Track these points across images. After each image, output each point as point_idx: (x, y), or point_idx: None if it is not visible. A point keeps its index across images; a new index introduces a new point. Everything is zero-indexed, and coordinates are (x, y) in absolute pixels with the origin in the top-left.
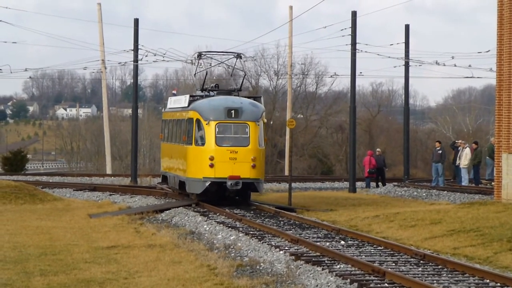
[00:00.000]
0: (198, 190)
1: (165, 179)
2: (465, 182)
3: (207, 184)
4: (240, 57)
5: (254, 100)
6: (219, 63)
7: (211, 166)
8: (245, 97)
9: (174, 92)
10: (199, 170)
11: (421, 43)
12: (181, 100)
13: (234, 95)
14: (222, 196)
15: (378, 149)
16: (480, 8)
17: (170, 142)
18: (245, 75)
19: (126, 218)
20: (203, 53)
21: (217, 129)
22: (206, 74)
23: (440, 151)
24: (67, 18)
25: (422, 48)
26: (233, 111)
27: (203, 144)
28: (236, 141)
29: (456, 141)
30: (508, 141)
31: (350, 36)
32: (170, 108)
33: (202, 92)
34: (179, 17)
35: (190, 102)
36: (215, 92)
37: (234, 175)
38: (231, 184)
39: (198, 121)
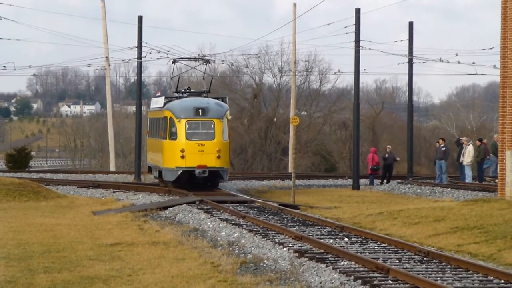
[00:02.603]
0: (172, 178)
1: (150, 169)
2: (468, 179)
3: (179, 172)
4: (209, 63)
5: (220, 100)
6: (191, 68)
7: (182, 157)
8: (213, 98)
9: (158, 94)
10: (173, 160)
11: (420, 41)
12: (159, 101)
13: (204, 96)
14: (193, 183)
15: (388, 146)
16: (478, 5)
17: (152, 137)
18: (212, 78)
19: (130, 215)
20: (177, 59)
21: (187, 126)
22: (179, 78)
23: (444, 148)
24: (66, 15)
25: (421, 45)
26: (200, 110)
27: (175, 139)
28: (203, 136)
29: (460, 138)
30: None
31: (354, 33)
32: (152, 108)
33: (176, 94)
34: (177, 15)
35: (165, 103)
36: (187, 93)
37: (202, 165)
38: (199, 172)
39: (171, 119)
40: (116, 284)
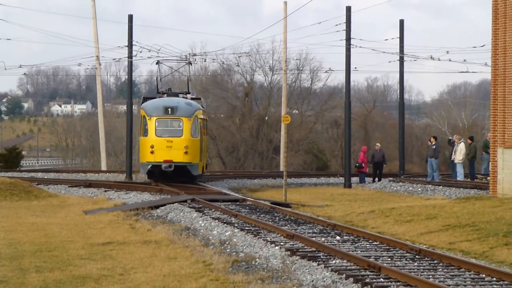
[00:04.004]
0: (144, 171)
1: None
2: (460, 177)
3: (149, 166)
4: (190, 64)
5: (195, 100)
6: (174, 71)
7: (152, 152)
8: (193, 98)
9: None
10: (144, 155)
11: (410, 38)
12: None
13: (183, 97)
14: (167, 177)
15: (377, 144)
16: (467, 3)
17: None
18: (188, 79)
19: (122, 214)
20: (160, 60)
21: (156, 123)
22: (157, 79)
23: (434, 147)
24: (55, 14)
25: (411, 43)
26: (169, 109)
27: (147, 135)
28: (172, 133)
29: (450, 138)
30: (503, 136)
31: (345, 31)
32: None
33: (158, 94)
34: (168, 13)
35: (142, 103)
36: (166, 94)
37: (168, 159)
38: (165, 166)
39: (144, 117)
40: (108, 283)
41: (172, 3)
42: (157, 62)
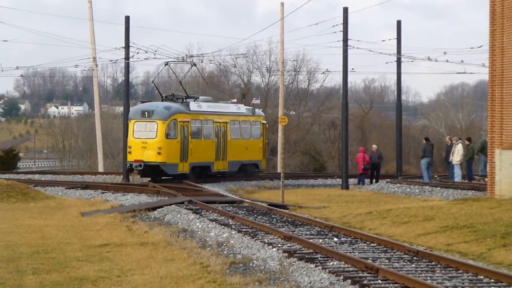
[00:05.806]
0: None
1: None
2: (457, 178)
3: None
4: (195, 65)
5: (181, 104)
6: (180, 80)
7: (130, 153)
8: (178, 103)
9: (257, 102)
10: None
11: (404, 39)
12: None
13: (182, 101)
14: (144, 175)
15: (374, 145)
16: (459, 3)
17: None
18: (180, 82)
19: (119, 216)
20: (169, 62)
21: (134, 126)
22: (153, 82)
23: (422, 147)
24: (51, 15)
25: (405, 44)
26: (146, 113)
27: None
28: (147, 135)
29: (451, 139)
30: (501, 137)
31: (342, 32)
32: None
33: (161, 98)
34: (162, 14)
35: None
36: (164, 98)
37: (138, 159)
38: (135, 165)
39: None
40: (105, 285)
41: (166, 4)
42: (166, 63)
